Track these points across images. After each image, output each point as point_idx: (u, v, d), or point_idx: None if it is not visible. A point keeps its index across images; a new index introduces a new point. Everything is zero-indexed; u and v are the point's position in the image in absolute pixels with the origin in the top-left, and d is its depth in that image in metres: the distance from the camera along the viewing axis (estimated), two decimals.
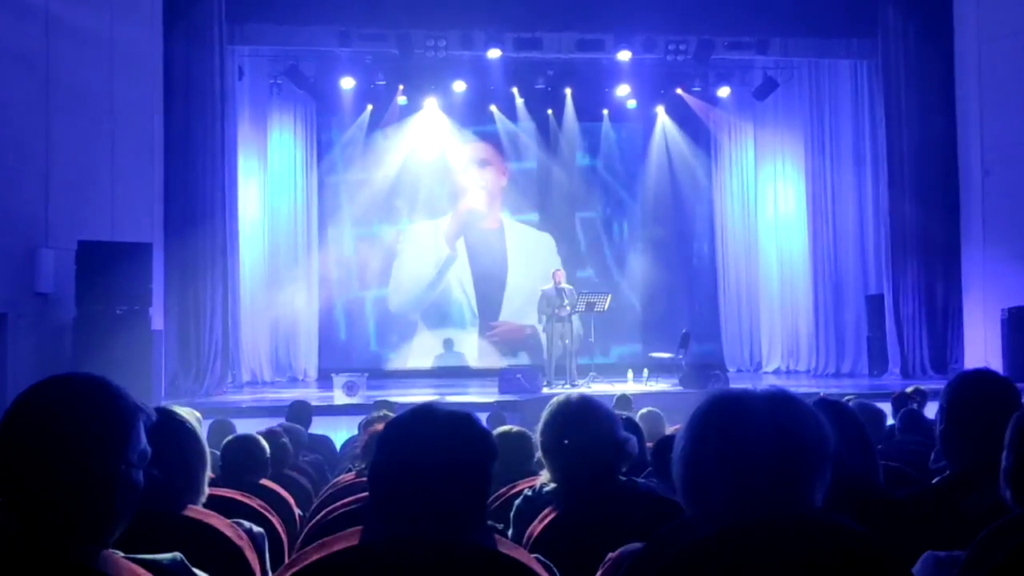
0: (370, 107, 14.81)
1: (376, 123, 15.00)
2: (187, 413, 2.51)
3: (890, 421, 5.54)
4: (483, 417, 2.28)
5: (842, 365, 14.06)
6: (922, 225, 12.44)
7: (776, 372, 14.85)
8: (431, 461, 1.66)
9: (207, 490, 2.36)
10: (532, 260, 14.97)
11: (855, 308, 14.02)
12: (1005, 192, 11.76)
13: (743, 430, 1.51)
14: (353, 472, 3.96)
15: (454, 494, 1.65)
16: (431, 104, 14.85)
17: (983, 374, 2.63)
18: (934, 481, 2.57)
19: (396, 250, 15.36)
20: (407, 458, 1.67)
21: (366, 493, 2.75)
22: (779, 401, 1.55)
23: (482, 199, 15.59)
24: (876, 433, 4.10)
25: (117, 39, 10.21)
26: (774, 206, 15.38)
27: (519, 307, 14.86)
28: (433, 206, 15.46)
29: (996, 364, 11.03)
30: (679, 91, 14.99)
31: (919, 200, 12.44)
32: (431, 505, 1.64)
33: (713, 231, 15.93)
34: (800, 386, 12.02)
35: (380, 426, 2.70)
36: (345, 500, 3.11)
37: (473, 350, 15.31)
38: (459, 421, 1.72)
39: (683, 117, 15.53)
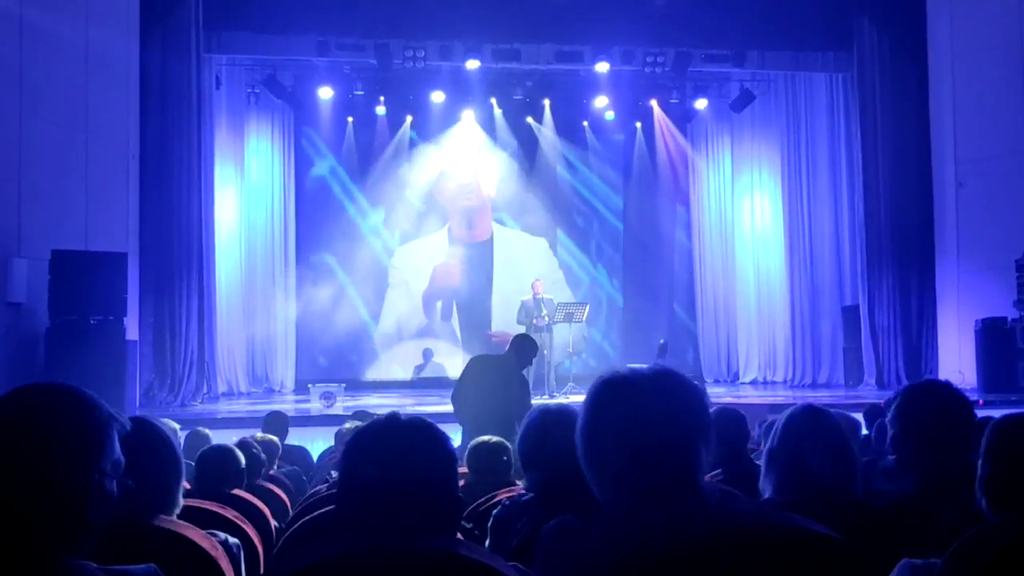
0: (351, 119, 14.79)
1: (359, 135, 14.98)
2: (165, 424, 2.48)
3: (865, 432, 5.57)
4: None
5: (818, 375, 14.16)
6: (897, 236, 12.56)
7: (753, 383, 14.92)
8: (394, 469, 1.67)
9: (182, 501, 2.33)
10: (524, 269, 14.82)
11: (831, 319, 14.13)
12: (978, 204, 11.91)
13: (634, 406, 1.66)
14: (329, 483, 3.94)
15: (420, 502, 1.66)
16: (411, 117, 14.86)
17: (935, 385, 2.66)
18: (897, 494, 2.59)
19: (378, 261, 15.30)
20: (371, 468, 1.67)
21: None
22: (664, 379, 1.70)
23: (471, 210, 15.56)
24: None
25: (92, 46, 10.12)
26: (751, 217, 15.48)
27: (511, 317, 14.82)
28: (418, 217, 15.43)
29: (970, 374, 11.15)
30: (655, 103, 15.08)
31: (894, 212, 12.56)
32: (398, 514, 1.64)
33: (691, 242, 16.00)
34: (776, 396, 12.09)
35: None
36: (321, 511, 3.09)
37: (454, 361, 15.25)
38: (418, 428, 1.74)
39: (661, 129, 15.61)
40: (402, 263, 15.37)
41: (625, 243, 15.95)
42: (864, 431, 5.62)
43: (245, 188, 14.09)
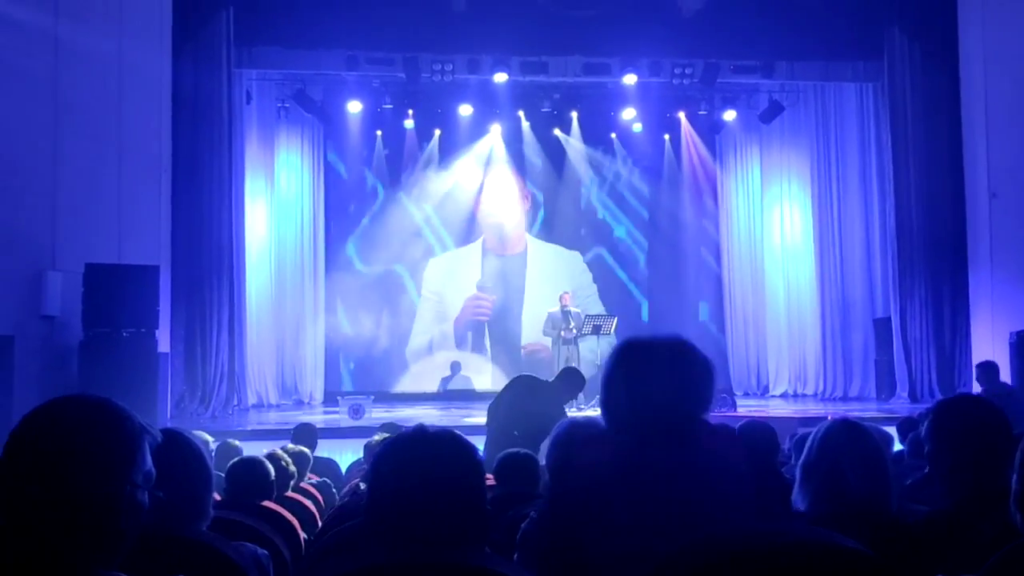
0: (379, 133, 14.88)
1: (388, 149, 15.07)
2: (198, 436, 2.50)
3: (898, 446, 5.51)
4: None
5: (850, 389, 14.01)
6: (929, 247, 12.42)
7: (783, 396, 14.79)
8: (421, 482, 1.67)
9: (212, 512, 2.35)
10: (557, 282, 14.76)
11: (863, 331, 13.98)
12: (1012, 214, 11.75)
13: (645, 366, 2.09)
14: (357, 495, 3.94)
15: (448, 514, 1.66)
16: (439, 131, 14.95)
17: (968, 400, 2.64)
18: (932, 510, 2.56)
19: (407, 273, 15.36)
20: (398, 481, 1.68)
21: None
22: (676, 347, 2.11)
23: (502, 223, 15.61)
24: None
25: (126, 61, 10.25)
26: (780, 229, 15.38)
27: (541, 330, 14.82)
28: (449, 230, 15.49)
29: None
30: (683, 115, 15.06)
31: (926, 222, 12.43)
32: (427, 526, 1.64)
33: (719, 254, 15.91)
34: (807, 410, 11.99)
35: None
36: (350, 523, 3.09)
37: (483, 373, 15.25)
38: (446, 441, 1.75)
39: (689, 141, 15.58)
40: (433, 276, 15.41)
41: (653, 255, 15.90)
42: (898, 445, 5.57)
43: (275, 201, 14.21)
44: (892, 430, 5.58)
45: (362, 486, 3.92)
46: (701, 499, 1.95)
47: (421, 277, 15.39)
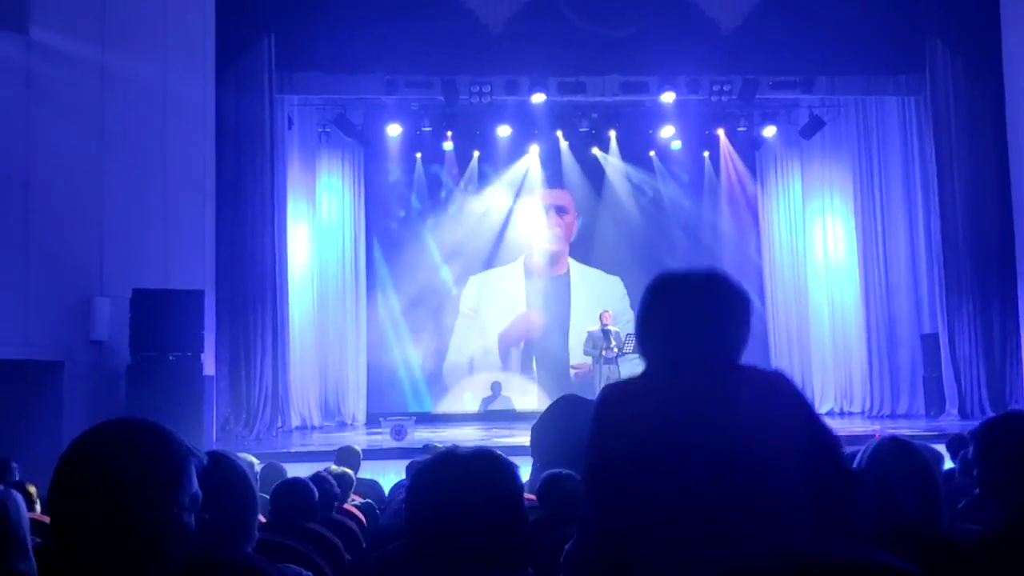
0: (419, 155, 14.99)
1: (427, 171, 15.20)
2: (243, 458, 2.52)
3: (949, 464, 5.42)
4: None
5: (898, 406, 13.78)
6: (977, 261, 12.22)
7: (830, 413, 14.57)
8: (458, 504, 1.66)
9: (257, 534, 2.36)
10: (598, 304, 14.69)
11: (910, 347, 13.74)
12: None
13: (679, 298, 2.12)
14: (400, 516, 3.95)
15: (486, 535, 1.65)
16: (478, 152, 15.04)
17: (1016, 416, 2.60)
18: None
19: (448, 294, 15.42)
20: (435, 504, 1.68)
21: None
22: (711, 279, 2.15)
23: (543, 243, 15.64)
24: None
25: (170, 89, 10.44)
26: (823, 245, 15.21)
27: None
28: (490, 251, 15.54)
29: None
30: (722, 132, 14.99)
31: (973, 236, 12.23)
32: (467, 548, 1.63)
33: (761, 271, 15.77)
34: (853, 428, 11.81)
35: None
36: (393, 545, 3.09)
37: (527, 394, 15.23)
38: (481, 461, 1.73)
39: (729, 158, 15.49)
40: (472, 295, 15.45)
41: None
42: (949, 463, 5.47)
43: (317, 224, 14.35)
44: (942, 448, 5.49)
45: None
46: (737, 441, 1.96)
47: (460, 296, 15.43)
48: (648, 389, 2.09)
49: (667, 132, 14.55)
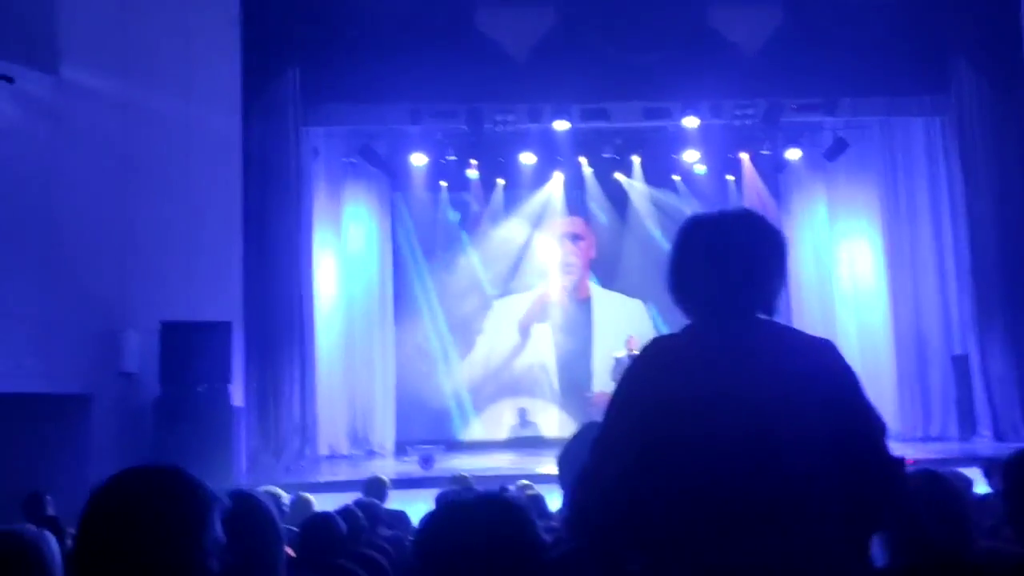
0: (444, 184, 15.08)
1: (452, 200, 15.30)
2: (273, 493, 2.53)
3: (985, 488, 5.35)
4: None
5: (930, 429, 13.58)
6: (1007, 282, 12.06)
7: None
8: (463, 555, 1.64)
9: (284, 573, 2.36)
10: (622, 330, 14.69)
11: (940, 369, 13.57)
12: None
13: (717, 237, 2.08)
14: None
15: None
16: (503, 180, 15.11)
17: None
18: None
19: (474, 321, 15.46)
20: (440, 556, 1.65)
21: None
22: (746, 217, 2.10)
23: (569, 271, 15.67)
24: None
25: (195, 122, 10.57)
26: (850, 268, 15.08)
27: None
28: (515, 278, 15.58)
29: None
30: (745, 156, 14.96)
31: (1003, 255, 12.09)
32: None
33: (788, 294, 15.66)
34: None
35: None
36: None
37: (552, 421, 15.20)
38: (486, 509, 1.71)
39: (753, 181, 15.44)
40: (496, 321, 15.47)
41: None
42: (983, 486, 5.40)
43: (343, 253, 14.43)
44: (973, 471, 5.43)
45: None
46: (778, 399, 1.90)
47: (485, 322, 15.45)
48: (689, 340, 2.06)
49: (691, 156, 14.55)
